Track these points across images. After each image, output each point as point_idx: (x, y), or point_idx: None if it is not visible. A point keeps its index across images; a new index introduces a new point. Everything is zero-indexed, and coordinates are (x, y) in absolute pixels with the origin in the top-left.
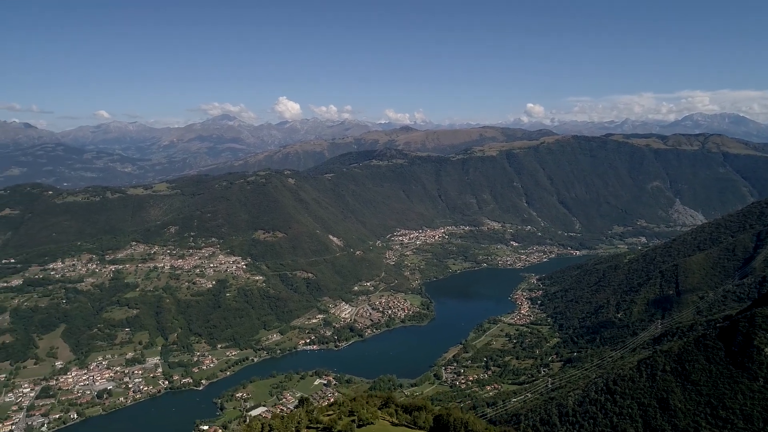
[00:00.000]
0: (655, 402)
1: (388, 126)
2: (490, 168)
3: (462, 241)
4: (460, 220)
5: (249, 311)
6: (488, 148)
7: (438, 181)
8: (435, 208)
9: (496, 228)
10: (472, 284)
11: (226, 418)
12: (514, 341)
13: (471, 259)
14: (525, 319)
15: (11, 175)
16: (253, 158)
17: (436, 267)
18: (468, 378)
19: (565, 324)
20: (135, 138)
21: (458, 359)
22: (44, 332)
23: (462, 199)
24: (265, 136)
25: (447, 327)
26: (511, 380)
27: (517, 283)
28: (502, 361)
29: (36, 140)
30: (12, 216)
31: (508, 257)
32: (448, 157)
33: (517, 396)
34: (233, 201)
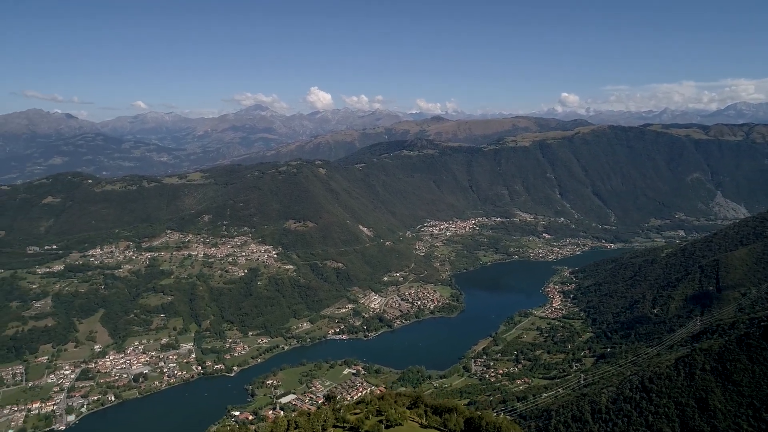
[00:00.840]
0: (694, 402)
1: (420, 116)
2: (522, 159)
3: (493, 233)
4: (491, 212)
5: (280, 300)
6: (521, 139)
7: (469, 172)
8: (466, 199)
9: (528, 220)
10: (502, 276)
11: (256, 405)
12: (546, 335)
13: (502, 251)
14: (557, 313)
15: (54, 164)
16: (285, 148)
17: (466, 258)
18: (498, 371)
19: (599, 319)
20: (171, 128)
21: (488, 352)
22: (84, 317)
23: (493, 190)
24: (296, 126)
25: (477, 319)
26: (541, 375)
27: (549, 276)
28: (533, 354)
29: (77, 130)
30: (54, 204)
31: (540, 250)
32: (479, 147)
33: (548, 391)
34: (265, 191)
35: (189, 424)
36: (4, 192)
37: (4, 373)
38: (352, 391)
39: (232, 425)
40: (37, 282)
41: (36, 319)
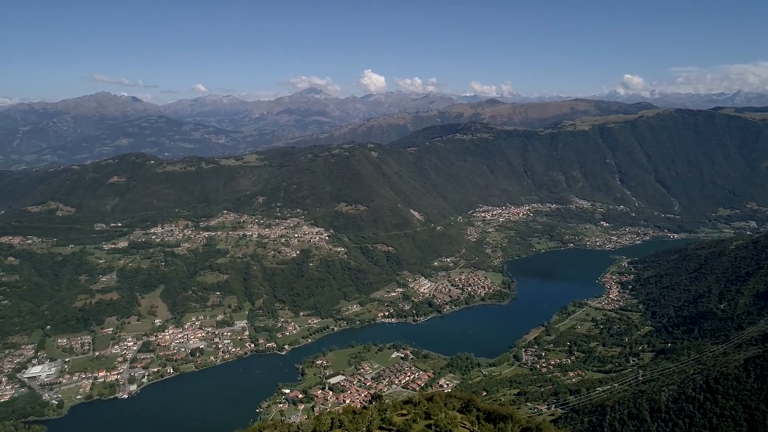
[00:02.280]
0: (764, 406)
1: (474, 99)
2: (581, 143)
3: (548, 220)
4: (546, 198)
5: (330, 281)
6: (580, 122)
7: (524, 157)
8: (520, 185)
9: (586, 207)
10: (556, 265)
11: (306, 384)
12: (601, 327)
13: (557, 238)
14: (614, 304)
15: (120, 145)
16: (338, 131)
17: (519, 245)
18: (549, 362)
19: (659, 312)
20: (228, 111)
21: (539, 341)
22: (146, 292)
23: (549, 175)
24: (349, 109)
25: (528, 308)
26: (596, 368)
27: (607, 265)
28: (587, 346)
29: (142, 113)
30: (119, 183)
31: (598, 238)
32: (535, 131)
33: (602, 385)
34: (318, 173)
35: (242, 399)
36: (75, 172)
37: (73, 342)
38: (400, 375)
39: (275, 420)
40: (103, 257)
41: (102, 292)
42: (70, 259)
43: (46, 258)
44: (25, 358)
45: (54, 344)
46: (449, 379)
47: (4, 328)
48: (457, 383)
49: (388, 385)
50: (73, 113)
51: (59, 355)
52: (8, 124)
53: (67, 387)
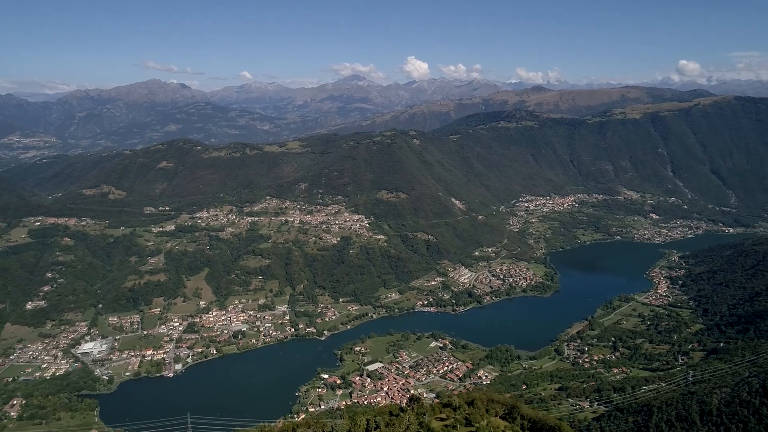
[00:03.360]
0: None
1: (519, 86)
2: (631, 132)
3: (594, 211)
4: (593, 188)
5: (370, 269)
6: (630, 110)
7: (570, 146)
8: (566, 174)
9: (634, 198)
10: (602, 257)
11: (345, 370)
12: (648, 323)
13: (603, 230)
14: (662, 300)
15: (169, 130)
16: (380, 118)
17: (563, 236)
18: (593, 357)
19: (711, 309)
20: (273, 97)
21: (582, 336)
22: (191, 274)
23: (597, 165)
24: (392, 96)
25: (572, 301)
26: (642, 365)
27: (655, 259)
28: (633, 343)
29: (189, 99)
30: (168, 168)
31: (646, 231)
32: (583, 119)
33: (648, 384)
34: (359, 160)
35: (281, 382)
36: (127, 156)
37: (123, 321)
38: (438, 364)
39: (308, 419)
40: (152, 240)
41: (151, 273)
42: (121, 241)
43: (98, 239)
44: (79, 334)
45: (105, 322)
46: (488, 371)
47: (60, 306)
48: (496, 375)
49: (425, 374)
50: (125, 99)
51: (110, 333)
52: (66, 110)
53: (117, 363)
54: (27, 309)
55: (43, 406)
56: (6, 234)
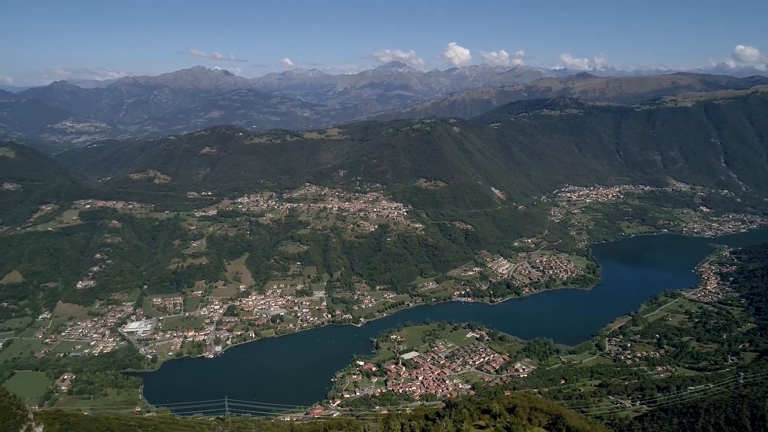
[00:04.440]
0: None
1: (564, 72)
2: (682, 121)
3: (640, 202)
4: (639, 179)
5: (407, 257)
6: (682, 98)
7: (617, 135)
8: (611, 164)
9: (684, 190)
10: (647, 251)
11: (380, 357)
12: (696, 320)
13: (649, 222)
14: (711, 297)
15: (213, 117)
16: (420, 105)
17: (606, 228)
18: (635, 354)
19: (765, 308)
20: (314, 84)
21: (625, 332)
22: (232, 258)
23: (644, 155)
24: (432, 83)
25: (614, 295)
26: (688, 364)
27: (705, 254)
28: (679, 341)
29: (232, 86)
30: (210, 154)
31: (696, 224)
32: (631, 107)
33: (695, 384)
34: (398, 148)
35: (318, 367)
36: (171, 142)
37: (167, 302)
38: (475, 355)
39: (341, 421)
40: (195, 224)
41: (193, 257)
42: (166, 224)
43: (144, 222)
44: (125, 314)
45: (150, 303)
46: (525, 364)
47: (108, 286)
48: (534, 369)
49: (461, 365)
50: (171, 86)
51: (154, 314)
52: (116, 96)
53: (161, 343)
54: (78, 288)
55: (91, 382)
56: (59, 215)
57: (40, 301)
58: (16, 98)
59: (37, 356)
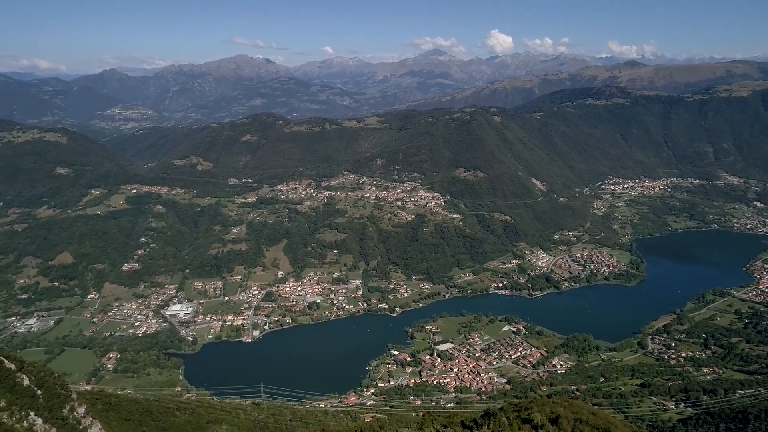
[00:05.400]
0: None
1: (610, 60)
2: (737, 111)
3: (688, 196)
4: (688, 172)
5: (444, 248)
6: (737, 88)
7: (665, 125)
8: (658, 156)
9: (736, 184)
10: (695, 247)
11: (415, 348)
12: (746, 321)
13: (698, 217)
14: (764, 297)
15: (254, 104)
16: (460, 94)
17: (652, 223)
18: (680, 353)
19: None
20: (353, 72)
21: (669, 330)
22: (270, 244)
23: (694, 147)
24: (473, 71)
25: (658, 292)
26: (737, 367)
27: (758, 251)
28: (727, 341)
29: (274, 74)
30: (251, 141)
31: (749, 220)
32: (681, 97)
33: (744, 388)
34: (437, 137)
35: (352, 355)
36: (214, 129)
37: (207, 286)
38: (511, 349)
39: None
40: (235, 210)
41: (233, 242)
42: (207, 210)
43: (187, 208)
44: (168, 296)
45: (191, 287)
46: (563, 360)
47: (151, 269)
48: (572, 365)
49: (497, 358)
50: (214, 74)
51: (195, 297)
52: (162, 84)
53: (201, 326)
54: (123, 270)
55: (135, 361)
56: (107, 200)
57: (89, 281)
58: (69, 86)
59: (85, 335)
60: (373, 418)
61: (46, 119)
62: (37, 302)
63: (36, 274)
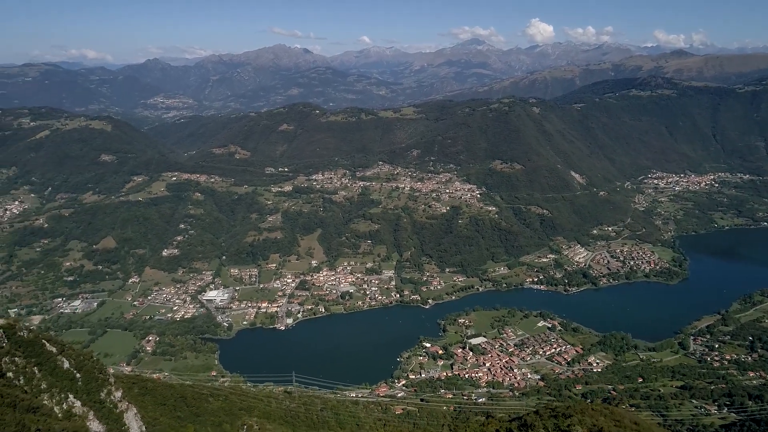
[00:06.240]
0: None
1: (656, 50)
2: None
3: (737, 192)
4: (738, 167)
5: (479, 241)
6: None
7: (714, 118)
8: (705, 150)
9: None
10: (743, 245)
11: (447, 341)
12: None
13: (747, 214)
14: None
15: (291, 94)
16: (498, 84)
17: (697, 219)
18: (723, 356)
19: None
20: (390, 62)
21: (713, 331)
22: (305, 233)
23: (745, 140)
24: (512, 61)
25: (702, 291)
26: None
27: None
28: None
29: (311, 64)
30: (288, 131)
31: None
32: (732, 88)
33: None
34: (474, 128)
35: (384, 346)
36: (252, 118)
37: (243, 273)
38: (545, 345)
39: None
40: (271, 199)
41: (269, 231)
42: (244, 198)
43: (224, 196)
44: (205, 282)
45: (227, 273)
46: (600, 358)
47: (190, 255)
48: (609, 364)
49: (531, 354)
50: (253, 64)
51: (231, 284)
52: (202, 73)
53: (236, 312)
54: (163, 255)
55: (172, 345)
56: (148, 186)
57: (130, 266)
58: (114, 75)
59: (126, 317)
60: (403, 410)
61: (93, 107)
62: (82, 284)
63: (81, 257)
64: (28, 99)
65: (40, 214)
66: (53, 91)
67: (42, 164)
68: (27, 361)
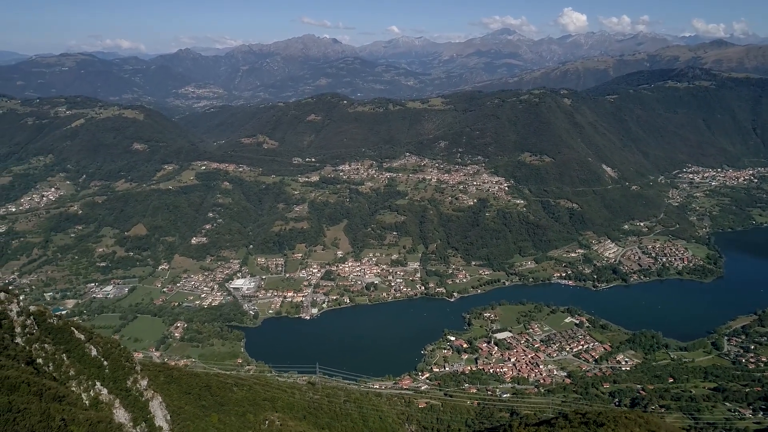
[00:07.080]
0: None
1: (694, 40)
2: None
3: None
4: None
5: (506, 234)
6: None
7: (755, 110)
8: (744, 144)
9: None
10: None
11: (472, 334)
12: None
13: None
14: None
15: (320, 84)
16: (529, 75)
17: (734, 215)
18: (760, 358)
19: None
20: (419, 52)
21: (749, 332)
22: (331, 224)
23: None
24: (544, 51)
25: (738, 290)
26: None
27: None
28: None
29: (340, 54)
30: (315, 121)
31: None
32: None
33: None
34: (503, 120)
35: (408, 338)
36: (280, 109)
37: (270, 262)
38: (573, 342)
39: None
40: (298, 189)
41: (295, 220)
42: (271, 188)
43: (252, 185)
44: (232, 271)
45: (254, 262)
46: (629, 357)
47: (218, 243)
48: (638, 362)
49: (557, 350)
50: (282, 54)
51: (258, 273)
52: (232, 63)
53: (262, 301)
54: (192, 243)
55: (200, 332)
56: (178, 175)
57: (160, 253)
58: (147, 65)
59: (156, 303)
60: (426, 404)
61: (126, 97)
62: (114, 270)
63: (113, 243)
64: (65, 88)
65: (75, 200)
66: (89, 81)
67: (77, 152)
68: (56, 348)
